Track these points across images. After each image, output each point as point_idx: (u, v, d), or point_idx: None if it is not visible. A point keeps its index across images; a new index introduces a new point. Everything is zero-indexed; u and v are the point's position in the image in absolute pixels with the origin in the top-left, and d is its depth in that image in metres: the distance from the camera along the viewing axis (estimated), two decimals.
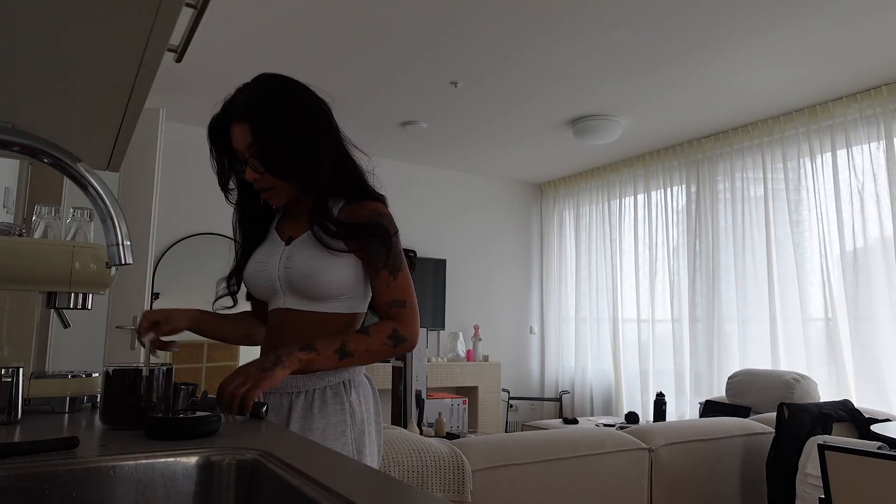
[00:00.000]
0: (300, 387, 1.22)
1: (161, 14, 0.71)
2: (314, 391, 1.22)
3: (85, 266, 1.10)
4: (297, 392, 1.22)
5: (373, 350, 1.20)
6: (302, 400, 1.22)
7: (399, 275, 1.23)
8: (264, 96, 1.21)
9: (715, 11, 2.96)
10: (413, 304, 1.24)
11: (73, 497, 0.73)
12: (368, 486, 0.70)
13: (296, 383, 1.22)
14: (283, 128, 1.19)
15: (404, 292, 1.23)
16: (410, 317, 1.23)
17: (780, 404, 2.79)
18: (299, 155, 1.21)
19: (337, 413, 1.21)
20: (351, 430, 1.22)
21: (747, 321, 4.35)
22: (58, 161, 0.76)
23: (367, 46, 3.41)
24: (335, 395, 1.23)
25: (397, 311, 1.22)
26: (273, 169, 1.19)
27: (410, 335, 1.22)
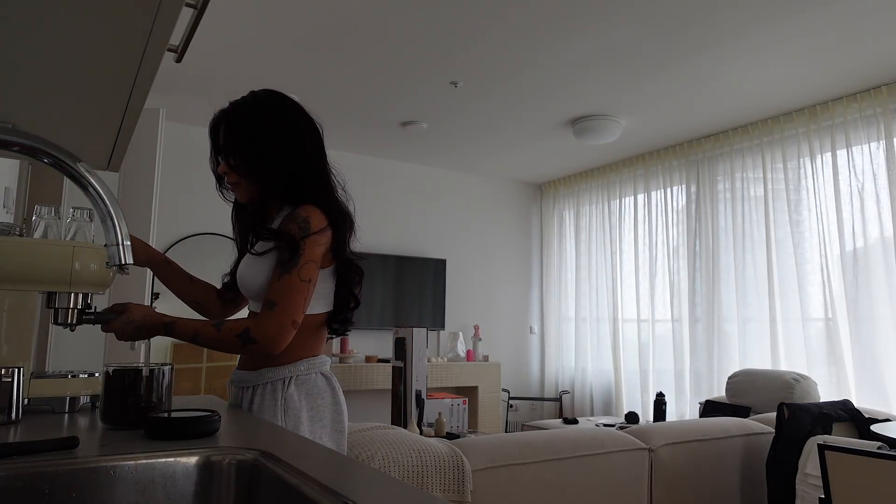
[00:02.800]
0: (249, 381, 1.31)
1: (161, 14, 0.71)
2: (257, 386, 1.30)
3: (85, 266, 1.10)
4: (246, 387, 1.32)
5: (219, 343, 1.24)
6: (249, 394, 1.31)
7: (286, 276, 1.23)
8: (245, 103, 1.37)
9: (715, 12, 2.96)
10: (283, 308, 1.21)
11: (73, 497, 0.73)
12: (368, 486, 0.70)
13: (246, 378, 1.32)
14: (248, 132, 1.33)
15: (279, 294, 1.22)
16: (272, 320, 1.21)
17: (780, 404, 2.79)
18: (257, 158, 1.32)
19: (270, 409, 1.27)
20: (283, 426, 1.24)
21: (747, 321, 4.35)
22: (58, 161, 0.76)
23: (367, 46, 3.41)
24: (272, 390, 1.29)
25: (263, 312, 1.23)
26: (232, 165, 1.33)
27: (262, 338, 1.20)
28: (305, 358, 1.31)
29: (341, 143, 4.99)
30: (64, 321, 1.11)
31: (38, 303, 1.11)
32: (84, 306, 1.13)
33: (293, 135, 1.34)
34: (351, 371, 4.73)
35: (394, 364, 3.84)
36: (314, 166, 1.35)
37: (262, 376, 1.29)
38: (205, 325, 1.23)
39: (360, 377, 4.75)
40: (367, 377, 4.77)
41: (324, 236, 1.27)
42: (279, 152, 1.32)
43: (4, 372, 0.95)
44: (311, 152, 1.35)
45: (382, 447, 1.86)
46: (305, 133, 1.36)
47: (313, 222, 1.26)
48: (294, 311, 1.22)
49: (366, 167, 5.37)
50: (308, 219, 1.26)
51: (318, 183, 1.34)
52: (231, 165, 1.33)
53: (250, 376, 1.31)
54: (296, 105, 1.38)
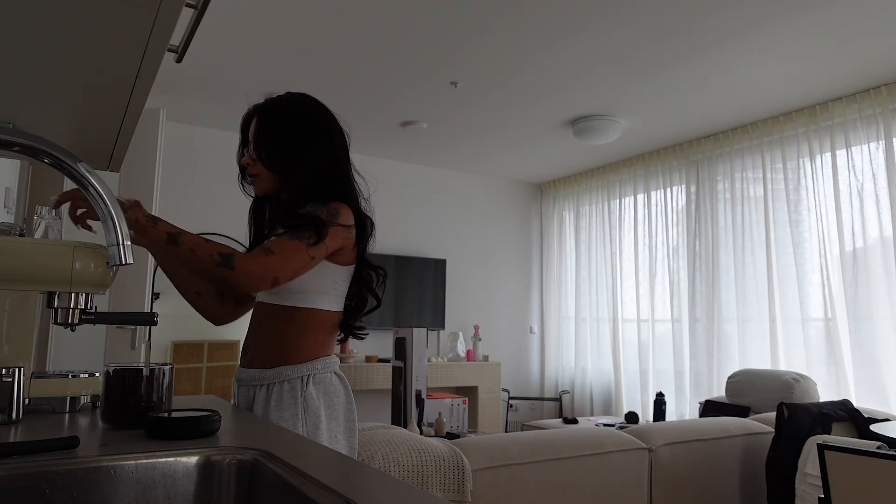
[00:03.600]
0: (263, 380, 1.29)
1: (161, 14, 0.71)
2: (274, 384, 1.28)
3: (85, 266, 1.10)
4: (259, 385, 1.29)
5: (198, 253, 1.17)
6: (263, 393, 1.29)
7: (296, 239, 1.22)
8: (281, 100, 1.40)
9: (715, 12, 2.97)
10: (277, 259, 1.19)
11: (73, 497, 0.73)
12: (368, 485, 0.70)
13: (260, 376, 1.29)
14: (280, 129, 1.36)
15: (281, 247, 1.21)
16: (260, 261, 1.18)
17: (779, 404, 2.79)
18: (285, 156, 1.34)
19: (290, 407, 1.26)
20: (303, 424, 1.25)
21: (747, 321, 4.35)
22: (58, 161, 0.76)
23: (367, 47, 3.41)
24: (291, 389, 1.27)
25: (256, 252, 1.22)
26: (259, 158, 1.35)
27: (240, 270, 1.16)
28: (321, 357, 1.32)
29: None
30: (64, 321, 1.11)
31: (38, 303, 1.11)
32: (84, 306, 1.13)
33: (323, 137, 1.37)
34: (351, 371, 4.73)
35: (394, 364, 3.84)
36: (340, 170, 1.38)
37: (280, 374, 1.28)
38: (192, 234, 1.19)
39: (360, 377, 4.75)
40: (367, 377, 4.78)
41: (348, 232, 1.30)
42: (308, 151, 1.34)
43: (5, 372, 0.95)
44: (339, 156, 1.39)
45: (382, 447, 1.86)
46: (335, 137, 1.40)
47: (343, 214, 1.29)
48: (283, 269, 1.20)
49: (366, 167, 5.35)
50: (338, 210, 1.29)
51: (343, 186, 1.37)
52: (258, 158, 1.35)
53: (265, 374, 1.29)
54: (328, 110, 1.44)
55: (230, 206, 4.86)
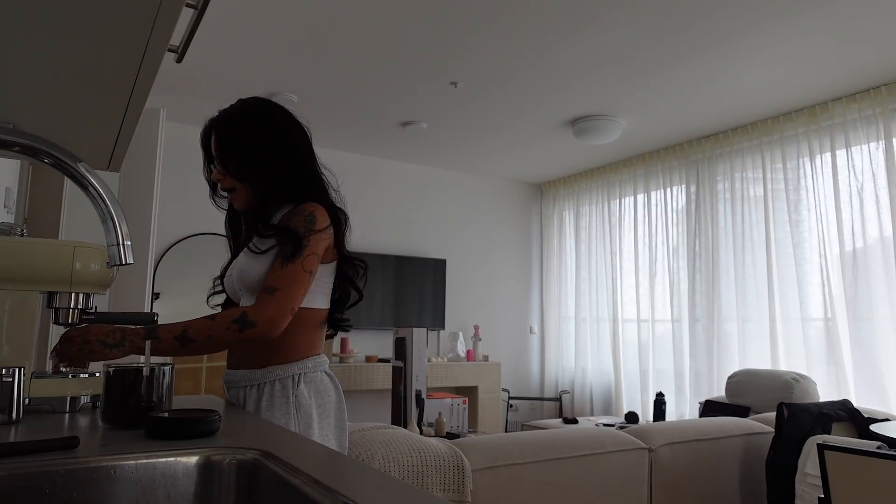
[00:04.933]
0: (252, 380, 1.29)
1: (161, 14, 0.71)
2: (264, 384, 1.28)
3: (85, 266, 1.10)
4: (249, 386, 1.30)
5: (215, 336, 1.19)
6: (254, 393, 1.29)
7: (289, 265, 1.25)
8: (234, 109, 1.40)
9: (715, 12, 2.97)
10: (284, 293, 1.22)
11: (73, 497, 0.73)
12: (368, 485, 0.70)
13: (250, 377, 1.30)
14: (239, 138, 1.35)
15: (282, 280, 1.23)
16: (272, 304, 1.21)
17: (779, 404, 2.79)
18: (250, 162, 1.34)
19: (282, 406, 1.26)
20: (296, 424, 1.26)
21: (747, 321, 4.35)
22: (59, 161, 0.76)
23: (367, 47, 3.41)
24: (282, 388, 1.28)
25: (262, 296, 1.23)
26: (227, 172, 1.35)
27: (262, 321, 1.19)
28: (311, 356, 1.32)
29: (341, 143, 4.99)
30: (64, 321, 1.12)
31: (38, 303, 1.11)
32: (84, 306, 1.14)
33: (284, 136, 1.37)
34: (351, 371, 4.73)
35: (394, 364, 3.84)
36: (307, 166, 1.39)
37: (270, 374, 1.28)
38: (195, 320, 1.22)
39: (360, 377, 4.75)
40: (367, 377, 4.78)
41: (327, 233, 1.30)
42: (272, 154, 1.34)
43: (5, 372, 0.95)
44: (303, 152, 1.39)
45: (382, 447, 1.86)
46: (295, 134, 1.40)
47: (319, 218, 1.29)
48: (294, 298, 1.23)
49: (366, 167, 5.36)
50: (314, 214, 1.29)
51: (312, 182, 1.38)
52: (226, 172, 1.36)
53: (255, 374, 1.29)
54: (283, 109, 1.42)
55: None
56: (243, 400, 1.30)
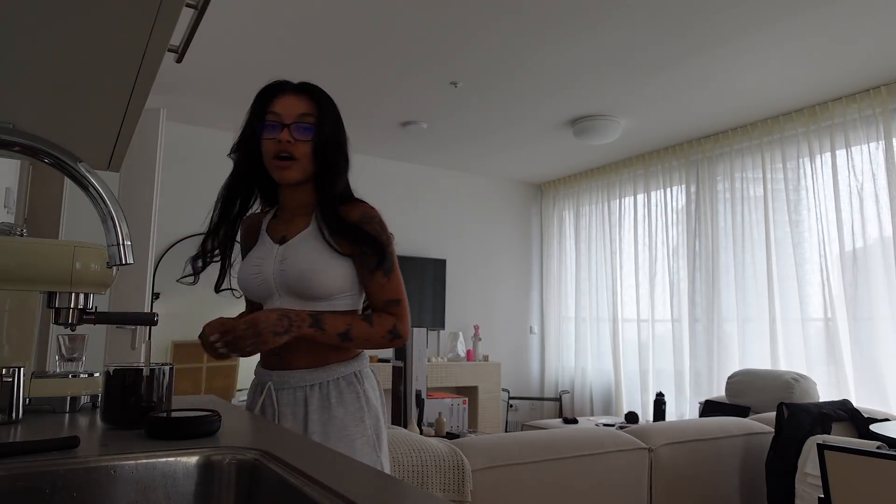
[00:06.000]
0: (314, 379, 1.27)
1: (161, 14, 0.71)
2: (328, 382, 1.27)
3: (85, 266, 1.10)
4: (311, 385, 1.27)
5: (372, 340, 1.28)
6: (317, 392, 1.27)
7: (392, 275, 1.31)
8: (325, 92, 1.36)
9: (715, 12, 2.97)
10: (406, 302, 1.32)
11: (73, 497, 0.73)
12: (368, 485, 0.70)
13: (310, 376, 1.27)
14: (337, 118, 1.35)
15: (398, 291, 1.31)
16: (405, 314, 1.31)
17: (779, 404, 2.79)
18: (336, 148, 1.32)
19: (353, 402, 1.27)
20: (368, 418, 1.28)
21: (747, 321, 4.35)
22: (59, 161, 0.76)
23: (367, 47, 3.41)
24: (349, 384, 1.28)
25: (395, 309, 1.30)
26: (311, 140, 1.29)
27: (405, 333, 1.30)
28: (360, 354, 1.35)
29: None
30: (64, 321, 1.11)
31: (38, 303, 1.11)
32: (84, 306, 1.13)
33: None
34: None
35: (394, 364, 3.84)
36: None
37: (334, 371, 1.28)
38: (355, 319, 1.27)
39: None
40: None
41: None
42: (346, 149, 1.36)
43: (5, 372, 0.95)
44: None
45: None
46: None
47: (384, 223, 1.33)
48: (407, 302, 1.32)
49: (366, 167, 5.36)
50: (381, 219, 1.33)
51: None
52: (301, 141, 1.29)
53: (315, 374, 1.27)
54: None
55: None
56: (303, 400, 1.27)
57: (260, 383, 1.34)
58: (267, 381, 1.31)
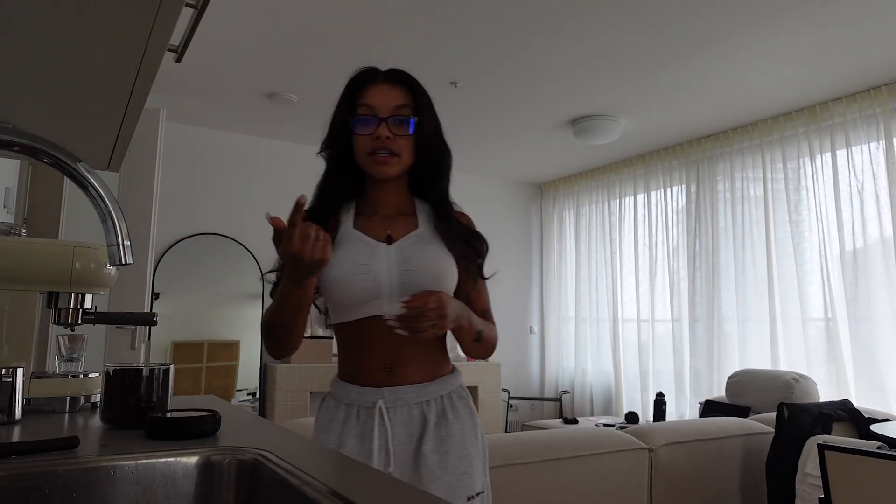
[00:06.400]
0: (430, 394, 1.19)
1: (161, 14, 0.71)
2: (442, 397, 1.20)
3: (85, 266, 1.10)
4: (426, 401, 1.18)
5: (488, 347, 1.27)
6: (434, 408, 1.19)
7: (484, 284, 1.32)
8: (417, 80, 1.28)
9: (714, 12, 2.96)
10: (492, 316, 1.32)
11: (73, 497, 0.73)
12: (369, 485, 0.70)
13: (427, 391, 1.19)
14: (433, 110, 1.28)
15: (489, 303, 1.33)
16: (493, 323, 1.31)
17: (779, 404, 2.79)
18: (439, 140, 1.28)
19: (468, 417, 1.22)
20: (480, 434, 1.24)
21: (747, 321, 4.35)
22: (58, 161, 0.76)
23: (367, 46, 3.41)
24: (460, 398, 1.23)
25: (491, 318, 1.31)
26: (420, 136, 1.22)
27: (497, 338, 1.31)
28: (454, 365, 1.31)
29: None
30: (64, 321, 1.11)
31: (38, 303, 1.11)
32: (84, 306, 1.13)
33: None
34: None
35: None
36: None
37: (446, 385, 1.21)
38: (486, 324, 1.26)
39: None
40: None
41: None
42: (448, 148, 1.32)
43: (5, 372, 0.95)
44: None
45: None
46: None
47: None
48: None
49: None
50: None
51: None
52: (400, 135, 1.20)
53: (431, 388, 1.19)
54: None
55: (230, 206, 4.86)
56: (419, 417, 1.17)
57: (359, 404, 1.18)
58: (375, 400, 1.16)
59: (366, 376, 1.18)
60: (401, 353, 1.17)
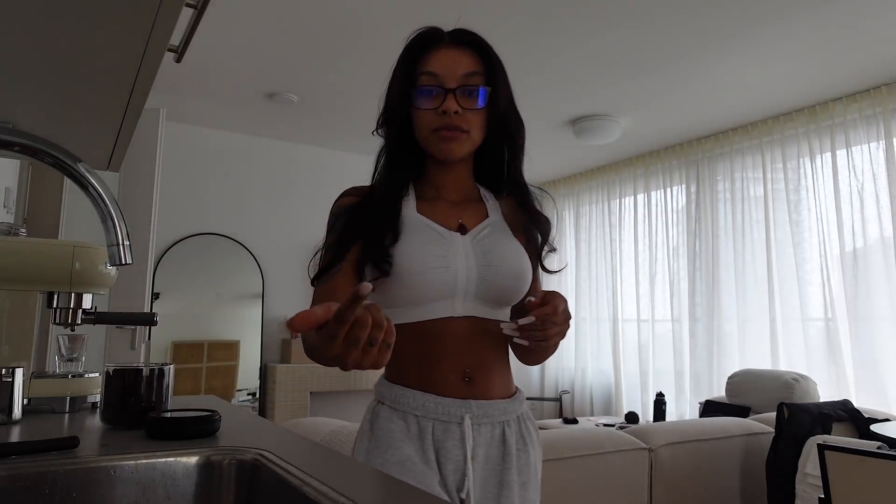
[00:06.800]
0: (511, 412, 1.04)
1: (161, 14, 0.71)
2: (518, 418, 1.06)
3: (85, 266, 1.10)
4: (506, 421, 1.03)
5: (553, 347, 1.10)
6: (514, 429, 1.03)
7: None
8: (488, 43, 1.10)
9: (714, 12, 2.96)
10: None
11: (73, 497, 0.73)
12: (369, 485, 0.70)
13: (509, 408, 1.04)
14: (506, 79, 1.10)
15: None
16: None
17: (779, 404, 2.79)
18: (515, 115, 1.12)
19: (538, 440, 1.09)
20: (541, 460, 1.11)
21: (747, 321, 4.35)
22: (59, 161, 0.76)
23: (367, 46, 3.41)
24: (529, 418, 1.09)
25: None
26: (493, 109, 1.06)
27: None
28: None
29: (342, 143, 4.99)
30: (64, 321, 1.12)
31: (38, 303, 1.11)
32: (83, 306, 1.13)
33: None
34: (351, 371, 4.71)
35: None
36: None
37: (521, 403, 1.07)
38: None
39: (360, 377, 4.76)
40: (366, 377, 4.78)
41: None
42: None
43: (5, 372, 0.95)
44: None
45: None
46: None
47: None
48: None
49: (367, 168, 5.35)
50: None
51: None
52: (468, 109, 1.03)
53: (512, 405, 1.05)
54: None
55: (230, 206, 4.86)
56: (500, 438, 1.01)
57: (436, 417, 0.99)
58: (461, 413, 0.99)
59: (444, 385, 1.00)
60: (481, 360, 1.02)
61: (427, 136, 1.04)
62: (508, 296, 1.04)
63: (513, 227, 1.09)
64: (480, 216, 1.08)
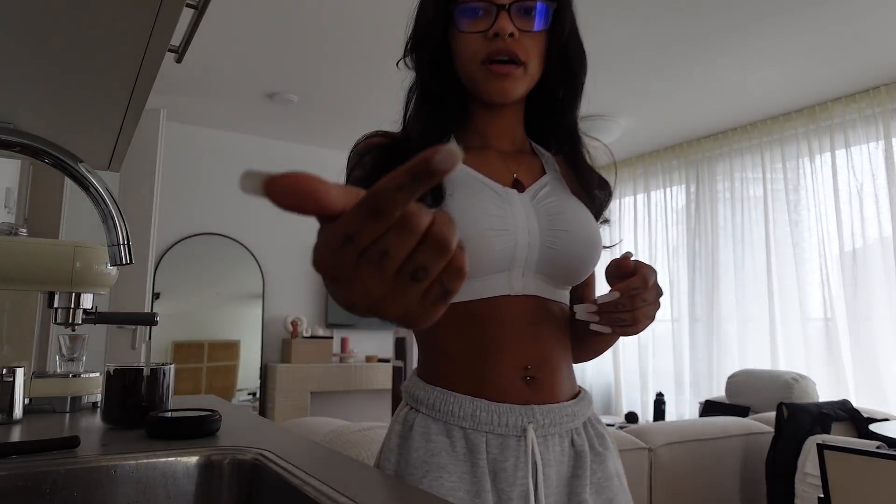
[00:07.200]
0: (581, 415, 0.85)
1: (161, 14, 0.71)
2: (586, 423, 0.86)
3: (86, 266, 1.10)
4: (576, 428, 0.83)
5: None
6: (585, 437, 0.84)
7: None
8: None
9: (714, 12, 2.97)
10: None
11: (74, 496, 0.73)
12: (369, 485, 0.70)
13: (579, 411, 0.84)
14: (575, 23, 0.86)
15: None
16: None
17: (779, 404, 2.79)
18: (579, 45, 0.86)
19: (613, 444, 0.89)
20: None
21: (746, 321, 4.35)
22: (59, 161, 0.76)
23: (367, 46, 3.41)
24: (599, 421, 0.89)
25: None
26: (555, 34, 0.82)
27: None
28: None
29: (342, 143, 4.99)
30: (64, 321, 1.12)
31: (38, 303, 1.11)
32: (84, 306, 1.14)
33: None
34: (351, 371, 4.73)
35: (394, 364, 3.85)
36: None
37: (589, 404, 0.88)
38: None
39: (360, 377, 4.75)
40: (367, 377, 4.78)
41: None
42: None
43: (5, 371, 0.95)
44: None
45: None
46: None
47: None
48: None
49: None
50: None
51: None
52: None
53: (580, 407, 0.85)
54: None
55: (230, 206, 4.87)
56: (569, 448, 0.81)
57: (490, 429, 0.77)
58: (522, 424, 0.77)
59: (500, 387, 0.78)
60: (546, 353, 0.81)
61: (473, 71, 0.82)
62: (578, 268, 0.85)
63: (572, 188, 0.88)
64: (536, 172, 0.87)
